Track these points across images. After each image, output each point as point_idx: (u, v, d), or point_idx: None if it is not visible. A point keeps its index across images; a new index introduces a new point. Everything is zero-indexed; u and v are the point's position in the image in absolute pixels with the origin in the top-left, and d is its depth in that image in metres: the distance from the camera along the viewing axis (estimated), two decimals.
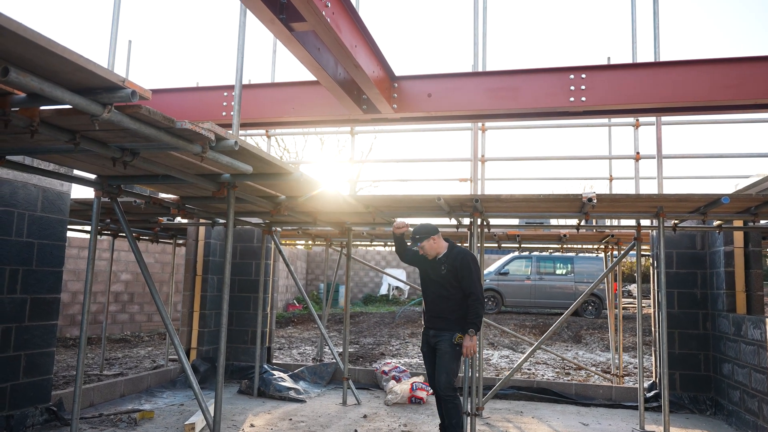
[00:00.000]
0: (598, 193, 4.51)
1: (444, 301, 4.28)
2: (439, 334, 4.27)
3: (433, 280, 4.36)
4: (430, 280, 4.41)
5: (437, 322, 4.30)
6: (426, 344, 4.42)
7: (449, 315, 4.26)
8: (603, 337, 12.16)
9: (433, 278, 4.37)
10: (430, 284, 4.40)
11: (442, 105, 4.34)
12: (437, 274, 4.34)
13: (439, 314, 4.29)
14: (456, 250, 4.42)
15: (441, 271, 4.32)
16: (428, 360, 4.42)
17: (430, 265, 4.43)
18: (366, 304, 20.87)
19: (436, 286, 4.34)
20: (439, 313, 4.30)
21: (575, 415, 5.89)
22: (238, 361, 7.52)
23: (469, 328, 4.15)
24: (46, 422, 4.80)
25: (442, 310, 4.28)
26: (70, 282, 11.08)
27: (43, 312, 4.83)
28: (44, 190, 4.88)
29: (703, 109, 4.23)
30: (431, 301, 4.38)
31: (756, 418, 4.99)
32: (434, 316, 4.34)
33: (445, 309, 4.27)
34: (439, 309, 4.30)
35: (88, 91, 2.20)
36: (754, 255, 5.87)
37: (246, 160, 3.29)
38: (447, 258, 4.35)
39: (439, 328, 4.28)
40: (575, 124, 6.87)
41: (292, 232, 8.04)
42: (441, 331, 4.27)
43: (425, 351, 4.44)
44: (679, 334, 6.32)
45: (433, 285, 4.37)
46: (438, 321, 4.30)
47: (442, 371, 4.23)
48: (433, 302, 4.36)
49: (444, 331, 4.25)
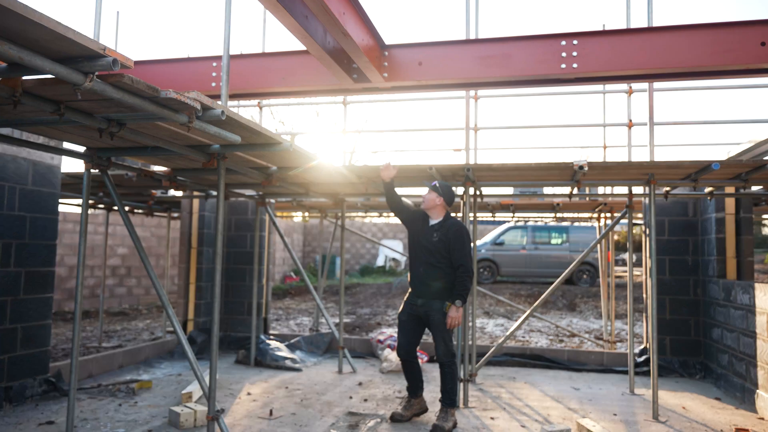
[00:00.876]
0: (589, 161, 4.51)
1: (433, 269, 4.30)
2: (428, 303, 4.30)
3: (424, 246, 4.37)
4: (420, 245, 4.40)
5: (425, 290, 4.32)
6: (408, 313, 4.43)
7: (438, 283, 4.29)
8: (597, 306, 12.30)
9: (423, 244, 4.37)
10: (420, 250, 4.39)
11: (434, 73, 4.31)
12: (428, 241, 4.35)
13: (427, 282, 4.31)
14: (451, 220, 4.45)
15: (433, 239, 4.34)
16: (404, 329, 4.44)
17: (422, 230, 4.43)
18: (363, 275, 20.99)
19: (425, 253, 4.35)
20: (426, 280, 4.32)
21: (567, 380, 6.00)
22: (234, 332, 7.60)
23: (456, 299, 4.19)
24: (45, 393, 4.87)
25: (430, 277, 4.30)
26: (67, 257, 11.11)
27: (38, 285, 4.86)
28: (34, 163, 4.86)
29: (696, 75, 4.20)
30: (418, 268, 4.37)
31: (743, 381, 5.09)
32: (422, 283, 4.34)
33: (434, 277, 4.30)
34: (427, 276, 4.31)
35: (69, 60, 2.17)
36: (744, 221, 5.90)
37: (234, 130, 3.27)
38: (441, 227, 4.37)
39: (429, 297, 4.30)
40: (569, 92, 6.83)
41: (286, 204, 8.04)
42: (430, 300, 4.30)
43: (404, 319, 4.45)
44: (670, 301, 6.40)
45: (422, 251, 4.37)
46: (426, 290, 4.31)
47: (440, 340, 4.28)
48: (421, 271, 4.35)
49: (434, 300, 4.29)
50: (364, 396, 5.19)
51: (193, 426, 4.17)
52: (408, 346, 4.44)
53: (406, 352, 4.44)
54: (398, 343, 4.49)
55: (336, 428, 4.21)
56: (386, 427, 4.28)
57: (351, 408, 4.78)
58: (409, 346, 4.44)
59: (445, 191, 4.47)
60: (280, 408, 4.74)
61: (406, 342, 4.44)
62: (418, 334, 4.47)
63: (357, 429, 4.21)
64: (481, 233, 19.76)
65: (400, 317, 4.52)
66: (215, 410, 3.66)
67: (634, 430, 4.33)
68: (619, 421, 4.54)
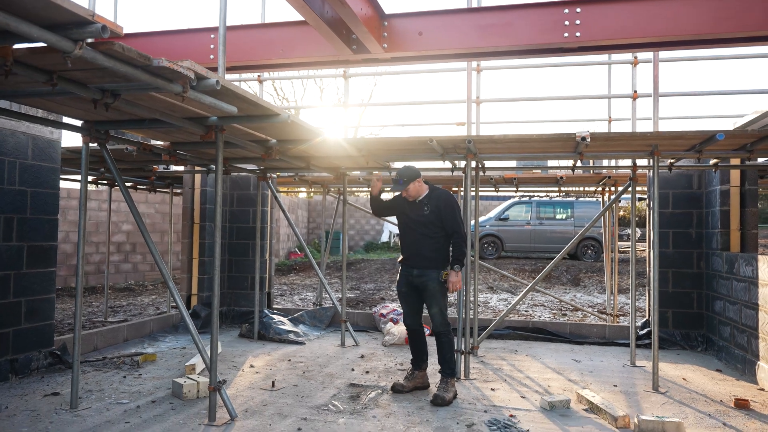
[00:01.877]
0: (591, 132, 4.45)
1: (427, 240, 4.36)
2: (425, 272, 4.35)
3: (416, 221, 4.41)
4: (411, 221, 4.45)
5: (421, 260, 4.36)
6: (406, 284, 4.47)
7: (433, 253, 4.34)
8: (601, 280, 12.31)
9: (415, 219, 4.42)
10: (412, 225, 4.44)
11: (434, 44, 4.24)
12: (419, 215, 4.40)
13: (423, 253, 4.36)
14: (437, 191, 4.50)
15: (424, 212, 4.38)
16: (406, 299, 4.52)
17: (410, 208, 4.48)
18: (367, 251, 21.05)
19: (419, 227, 4.40)
20: (422, 251, 4.36)
21: (568, 353, 6.02)
22: (238, 306, 7.65)
23: (454, 264, 4.28)
24: (50, 365, 4.93)
25: (426, 248, 4.35)
26: (72, 233, 11.16)
27: (40, 259, 4.88)
28: (34, 138, 4.84)
29: (701, 43, 4.12)
30: (413, 242, 4.42)
31: (745, 353, 5.10)
32: (416, 254, 4.39)
33: (428, 247, 4.35)
34: (423, 247, 4.36)
35: (58, 27, 2.14)
36: (749, 193, 5.84)
37: (230, 101, 3.23)
38: (429, 199, 4.42)
39: (424, 266, 4.35)
40: (572, 63, 6.73)
41: (288, 179, 8.03)
42: (426, 269, 4.35)
43: (404, 291, 4.50)
44: (673, 274, 6.38)
45: (415, 225, 4.42)
46: (422, 260, 4.36)
47: (437, 310, 4.36)
48: (415, 243, 4.41)
49: (430, 270, 4.34)
50: (366, 368, 5.23)
51: (196, 397, 4.22)
52: (414, 315, 4.53)
53: (413, 321, 4.54)
54: (404, 314, 4.58)
55: (337, 399, 4.25)
56: (387, 398, 4.32)
57: (353, 380, 4.82)
58: (414, 315, 4.53)
59: (413, 173, 4.39)
60: (283, 380, 4.79)
61: (411, 311, 4.52)
62: (420, 302, 4.53)
63: (358, 400, 4.25)
64: (485, 209, 19.72)
65: (399, 290, 4.57)
66: (217, 381, 3.70)
67: (634, 400, 4.35)
68: (619, 392, 4.56)
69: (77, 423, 3.65)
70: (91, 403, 4.05)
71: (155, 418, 3.76)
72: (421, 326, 4.58)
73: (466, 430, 3.63)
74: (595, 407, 4.02)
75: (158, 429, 3.57)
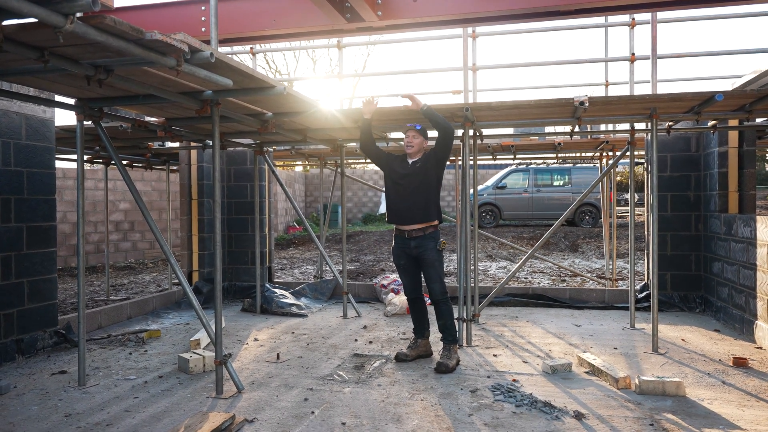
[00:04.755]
0: (590, 96, 4.42)
1: (418, 196, 4.36)
2: (423, 243, 4.38)
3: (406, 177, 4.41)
4: (402, 178, 4.43)
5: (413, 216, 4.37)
6: (404, 256, 4.49)
7: (425, 210, 4.37)
8: (599, 246, 12.37)
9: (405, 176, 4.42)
10: (403, 182, 4.42)
11: (429, 9, 4.17)
12: (412, 172, 4.41)
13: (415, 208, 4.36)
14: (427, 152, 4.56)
15: (415, 167, 4.42)
16: (406, 271, 4.53)
17: (402, 168, 4.48)
18: (366, 223, 21.09)
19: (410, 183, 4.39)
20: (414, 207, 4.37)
21: (569, 318, 6.09)
22: (239, 281, 7.69)
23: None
24: (56, 344, 4.97)
25: (417, 203, 4.36)
26: (70, 213, 11.14)
27: (40, 239, 4.88)
28: (27, 117, 4.78)
29: (700, 2, 4.05)
30: (403, 199, 4.40)
31: (743, 312, 5.16)
32: (408, 210, 4.38)
33: (419, 203, 4.36)
34: (414, 203, 4.36)
35: (47, 2, 2.09)
36: (747, 154, 5.84)
37: (225, 73, 3.19)
38: (420, 160, 4.49)
39: (421, 237, 4.38)
40: (569, 26, 6.63)
41: (285, 153, 7.98)
42: (424, 240, 4.37)
43: (403, 263, 4.52)
44: (672, 236, 6.41)
45: (406, 182, 4.41)
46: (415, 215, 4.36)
47: (436, 279, 4.39)
48: (404, 200, 4.40)
49: (428, 240, 4.37)
50: (369, 338, 5.28)
51: (202, 371, 4.27)
52: (414, 285, 4.57)
53: (413, 290, 4.57)
54: (404, 286, 4.61)
55: (342, 369, 4.30)
56: (391, 366, 4.37)
57: (356, 350, 4.87)
58: (414, 285, 4.57)
59: (425, 133, 4.56)
60: (287, 352, 4.84)
61: (411, 281, 4.56)
62: (419, 272, 4.56)
63: (362, 369, 4.30)
64: (482, 177, 19.69)
65: (397, 262, 4.57)
66: (223, 355, 3.74)
67: (634, 362, 4.41)
68: (619, 355, 4.63)
69: (86, 399, 3.69)
70: (99, 380, 4.10)
71: (163, 393, 3.81)
72: (422, 294, 4.63)
73: (470, 395, 3.69)
74: (596, 370, 4.08)
75: (167, 403, 3.61)
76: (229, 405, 3.55)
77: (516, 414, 3.34)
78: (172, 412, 3.45)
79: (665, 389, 3.63)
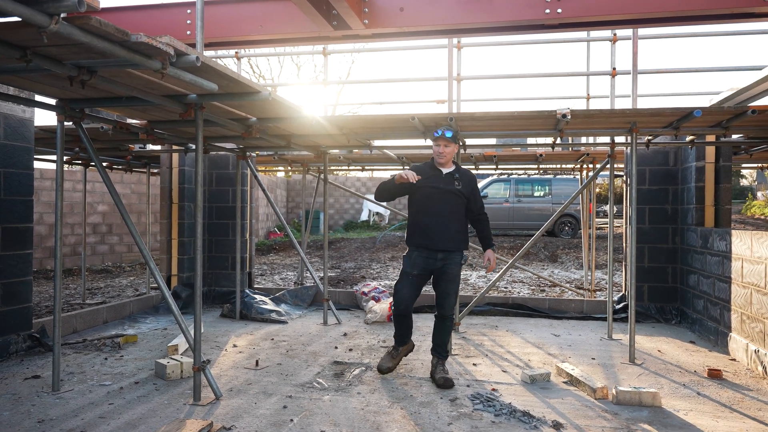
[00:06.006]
0: (571, 109, 4.48)
1: (454, 217, 4.20)
2: (449, 256, 4.19)
3: (446, 191, 4.20)
4: (440, 192, 4.20)
5: (447, 243, 4.18)
6: (422, 267, 4.23)
7: (458, 234, 4.21)
8: (578, 256, 12.51)
9: (445, 190, 4.20)
10: (441, 198, 4.21)
11: (416, 19, 4.20)
12: (452, 188, 4.20)
13: (450, 230, 4.18)
14: (463, 169, 4.39)
15: (456, 186, 4.22)
16: (414, 283, 4.26)
17: (439, 180, 4.24)
18: (347, 230, 21.06)
19: (449, 200, 4.20)
20: (450, 228, 4.18)
21: (548, 328, 6.14)
22: (219, 286, 7.62)
23: (492, 245, 4.43)
24: (30, 348, 4.87)
25: (453, 225, 4.19)
26: (47, 215, 10.95)
27: (16, 241, 4.78)
28: (5, 117, 4.70)
29: (681, 20, 4.13)
30: (440, 217, 4.19)
31: (717, 325, 5.25)
32: (442, 231, 4.18)
33: (454, 226, 4.19)
34: (450, 224, 4.19)
35: (32, 1, 2.07)
36: (724, 169, 5.96)
37: (210, 77, 3.18)
38: (460, 175, 4.30)
39: (449, 249, 4.18)
40: (553, 40, 6.73)
41: (268, 158, 7.95)
42: (451, 252, 4.20)
43: (415, 274, 4.23)
44: (649, 249, 6.51)
45: (445, 198, 4.20)
46: (449, 242, 4.18)
47: (452, 293, 4.25)
48: (442, 219, 4.19)
49: (454, 253, 4.20)
50: (349, 346, 5.26)
51: (179, 377, 4.21)
52: (411, 300, 4.28)
53: (407, 306, 4.29)
54: (401, 297, 4.26)
55: (322, 377, 4.28)
56: (371, 374, 4.36)
57: (336, 357, 4.85)
58: (412, 300, 4.28)
59: (456, 139, 4.34)
60: (266, 359, 4.80)
61: (410, 296, 4.26)
62: (420, 289, 4.34)
63: (342, 377, 4.28)
64: None
65: (409, 272, 4.26)
66: (201, 361, 3.70)
67: (612, 372, 4.46)
68: (597, 365, 4.67)
69: (60, 405, 3.62)
70: (73, 386, 4.02)
71: (139, 399, 3.75)
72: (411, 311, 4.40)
73: (449, 404, 3.70)
74: (574, 380, 4.12)
75: (143, 410, 3.56)
76: (207, 412, 3.50)
77: (495, 423, 3.35)
78: (149, 418, 3.40)
79: (641, 400, 3.68)
